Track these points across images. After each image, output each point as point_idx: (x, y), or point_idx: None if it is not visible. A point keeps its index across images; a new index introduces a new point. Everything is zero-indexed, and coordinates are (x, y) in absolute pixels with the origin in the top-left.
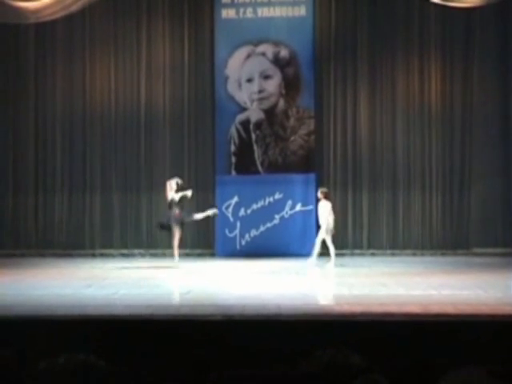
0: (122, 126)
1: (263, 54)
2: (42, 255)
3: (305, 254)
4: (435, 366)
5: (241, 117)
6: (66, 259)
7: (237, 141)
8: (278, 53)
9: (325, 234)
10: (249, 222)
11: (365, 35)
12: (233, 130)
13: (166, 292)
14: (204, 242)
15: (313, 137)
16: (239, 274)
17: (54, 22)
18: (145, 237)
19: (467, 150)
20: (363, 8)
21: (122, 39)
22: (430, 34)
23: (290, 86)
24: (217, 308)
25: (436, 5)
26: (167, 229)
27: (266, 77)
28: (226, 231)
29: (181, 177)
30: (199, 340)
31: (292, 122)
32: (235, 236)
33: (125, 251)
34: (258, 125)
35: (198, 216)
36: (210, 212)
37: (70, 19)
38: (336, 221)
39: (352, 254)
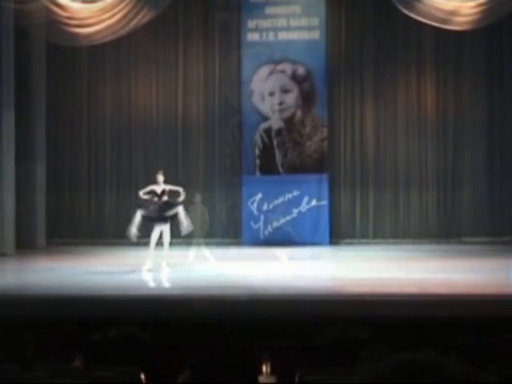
0: (162, 134)
1: (283, 72)
2: (94, 244)
3: (319, 242)
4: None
5: (264, 125)
6: (115, 247)
7: (260, 146)
8: (296, 70)
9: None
10: (271, 216)
11: (370, 55)
12: (257, 137)
13: (199, 275)
14: (232, 233)
15: (326, 142)
16: (263, 259)
17: (104, 45)
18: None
19: (458, 154)
20: (369, 33)
21: (162, 59)
22: (425, 55)
23: (306, 98)
24: (242, 289)
25: (431, 28)
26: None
27: (286, 91)
28: (252, 223)
29: (212, 177)
30: (227, 317)
31: (308, 129)
32: (259, 227)
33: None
34: (279, 132)
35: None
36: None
37: (117, 42)
38: (345, 214)
39: (359, 243)
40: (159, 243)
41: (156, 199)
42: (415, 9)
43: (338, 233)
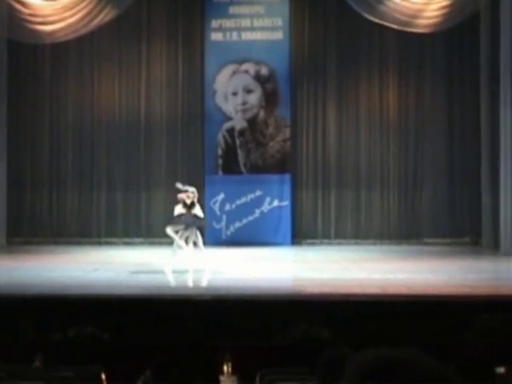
0: (124, 133)
1: (246, 72)
2: (56, 243)
3: (280, 242)
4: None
5: (227, 125)
6: (75, 246)
7: (223, 146)
8: (259, 70)
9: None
10: (233, 216)
11: (333, 56)
12: (220, 137)
13: (160, 276)
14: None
15: (288, 143)
16: (224, 259)
17: (66, 44)
18: (144, 227)
19: (419, 155)
20: (332, 34)
21: (125, 58)
22: (388, 56)
23: (270, 99)
24: (205, 289)
25: (393, 30)
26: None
27: (249, 91)
28: (214, 223)
29: (174, 176)
30: (190, 316)
31: (271, 129)
32: (221, 227)
33: (126, 240)
34: (242, 132)
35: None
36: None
37: (80, 41)
38: (307, 214)
39: (321, 244)
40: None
41: (187, 211)
42: (378, 12)
43: (300, 233)
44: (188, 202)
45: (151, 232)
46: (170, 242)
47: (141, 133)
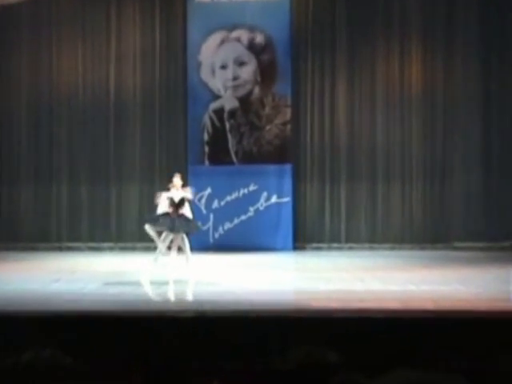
0: (90, 113)
1: (238, 40)
2: (6, 249)
3: (280, 247)
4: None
5: (214, 105)
6: (31, 253)
7: (210, 130)
8: (254, 39)
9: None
10: (222, 215)
11: (344, 19)
12: (206, 119)
13: (135, 287)
14: None
15: (289, 126)
16: (212, 268)
17: (19, 7)
18: (114, 230)
19: (449, 139)
20: None
21: (91, 25)
22: (410, 18)
23: (266, 73)
24: (188, 304)
25: None
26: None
27: (241, 63)
28: (199, 224)
29: (151, 167)
30: (170, 336)
31: (267, 110)
32: (208, 229)
33: (93, 244)
34: (233, 113)
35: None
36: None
37: (35, 3)
38: (312, 213)
39: (329, 248)
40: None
41: (173, 210)
42: None
43: (304, 236)
44: (176, 199)
45: (123, 235)
46: (146, 247)
47: (110, 114)
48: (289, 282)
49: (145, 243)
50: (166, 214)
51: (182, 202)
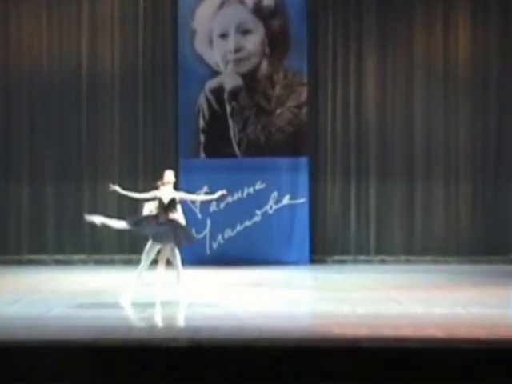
0: (57, 95)
1: (241, 2)
2: None
3: (294, 260)
4: None
5: (212, 83)
6: None
7: (206, 114)
8: (261, 1)
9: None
10: (222, 220)
11: None
12: (201, 100)
13: (114, 310)
14: None
15: (305, 109)
16: (209, 286)
17: None
18: (87, 239)
19: (505, 126)
20: None
21: None
22: None
23: (276, 43)
24: (180, 331)
25: None
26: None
27: (245, 31)
28: (193, 232)
29: (133, 162)
30: (156, 371)
31: (278, 90)
32: (204, 238)
33: (60, 257)
34: (235, 93)
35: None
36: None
37: None
38: (334, 218)
39: (355, 261)
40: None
41: (162, 214)
42: None
43: (323, 247)
44: (166, 200)
45: (98, 246)
46: (126, 260)
47: (82, 96)
48: (305, 303)
49: (124, 255)
50: (152, 218)
51: (172, 203)
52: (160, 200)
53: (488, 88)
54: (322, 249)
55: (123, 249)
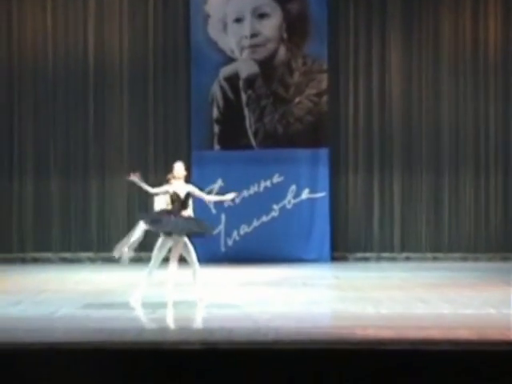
0: (62, 86)
1: None
2: None
3: (314, 257)
4: None
5: (226, 70)
6: None
7: (221, 103)
8: None
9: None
10: (237, 216)
11: None
12: (215, 89)
13: (124, 311)
14: None
15: (325, 98)
16: (224, 286)
17: None
18: (95, 236)
19: None
20: None
21: None
22: None
23: (294, 28)
24: (194, 333)
25: None
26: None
27: (261, 15)
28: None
29: (144, 153)
30: (169, 375)
31: (297, 77)
32: (219, 234)
33: (67, 255)
34: (251, 81)
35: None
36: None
37: None
38: (356, 213)
39: (379, 259)
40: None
41: (176, 208)
42: None
43: (345, 243)
44: (182, 194)
45: (107, 243)
46: (136, 258)
47: (89, 87)
48: (326, 303)
49: (135, 253)
50: (166, 212)
51: (187, 198)
52: (175, 194)
53: None
54: (344, 245)
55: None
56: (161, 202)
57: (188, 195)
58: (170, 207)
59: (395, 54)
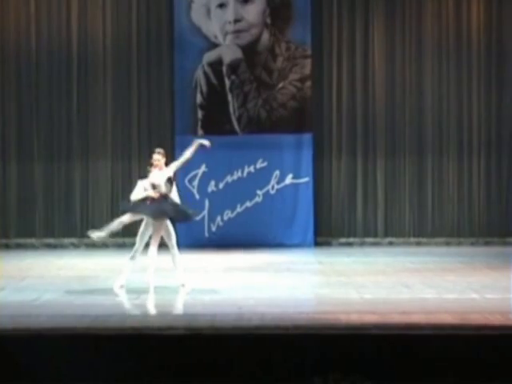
0: (45, 70)
1: None
2: None
3: (297, 242)
4: None
5: (210, 56)
6: None
7: (204, 89)
8: None
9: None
10: (221, 201)
11: None
12: (199, 74)
13: (107, 297)
14: None
15: (309, 83)
16: (207, 271)
17: None
18: (78, 221)
19: None
20: None
21: None
22: None
23: (278, 13)
24: (178, 318)
25: None
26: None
27: (245, 0)
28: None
29: (128, 138)
30: (152, 360)
31: (280, 62)
32: (202, 220)
33: (50, 241)
34: (234, 67)
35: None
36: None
37: None
38: (339, 198)
39: (362, 244)
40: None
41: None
42: None
43: (329, 228)
44: (161, 183)
45: (90, 229)
46: (119, 243)
47: (72, 70)
48: (310, 289)
49: (118, 239)
50: (146, 199)
51: (167, 185)
52: (152, 185)
53: (502, 59)
54: (327, 231)
55: (116, 232)
56: (139, 192)
57: (169, 180)
58: (151, 192)
59: (378, 40)
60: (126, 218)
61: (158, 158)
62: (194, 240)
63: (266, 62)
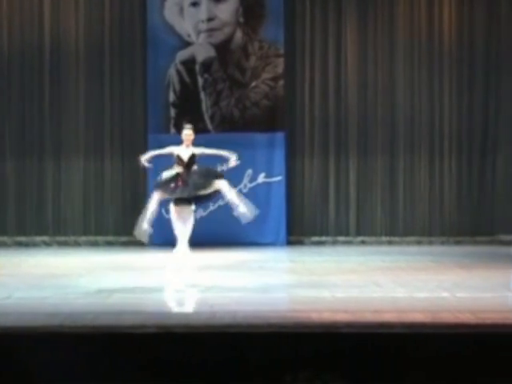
0: (17, 66)
1: None
2: None
3: (270, 241)
4: None
5: (183, 54)
6: None
7: (177, 87)
8: None
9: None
10: None
11: None
12: (172, 73)
13: (77, 294)
14: (131, 227)
15: (281, 82)
16: (179, 269)
17: None
18: (50, 219)
19: (492, 102)
20: None
21: None
22: None
23: (251, 12)
24: (149, 316)
25: None
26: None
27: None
28: (162, 211)
29: (100, 136)
30: (125, 359)
31: (253, 61)
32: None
33: (22, 238)
34: (207, 65)
35: None
36: None
37: None
38: (312, 197)
39: (334, 243)
40: None
41: (181, 171)
42: None
43: (301, 227)
44: (185, 157)
45: (63, 227)
46: (92, 241)
47: (44, 68)
48: (281, 287)
49: (90, 237)
50: (174, 178)
51: (192, 161)
52: (178, 157)
53: (474, 65)
54: (300, 229)
55: (89, 230)
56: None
57: (192, 157)
58: (177, 170)
59: (351, 40)
60: (155, 203)
61: (190, 132)
62: (166, 238)
63: (239, 61)
